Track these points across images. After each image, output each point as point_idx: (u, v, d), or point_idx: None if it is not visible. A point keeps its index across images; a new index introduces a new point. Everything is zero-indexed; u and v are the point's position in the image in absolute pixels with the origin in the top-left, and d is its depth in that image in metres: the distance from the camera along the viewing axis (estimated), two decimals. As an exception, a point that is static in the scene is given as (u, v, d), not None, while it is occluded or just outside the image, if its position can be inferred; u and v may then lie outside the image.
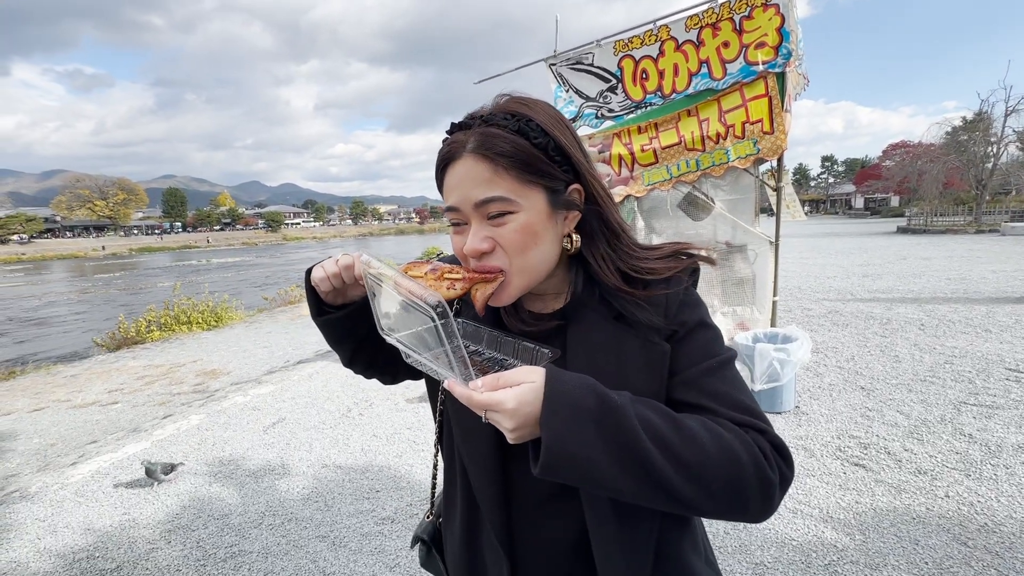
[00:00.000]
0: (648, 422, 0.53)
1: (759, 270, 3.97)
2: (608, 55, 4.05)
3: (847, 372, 4.26)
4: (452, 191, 0.63)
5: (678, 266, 0.68)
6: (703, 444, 0.54)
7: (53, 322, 14.09)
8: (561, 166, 0.63)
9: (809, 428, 3.28)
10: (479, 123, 0.62)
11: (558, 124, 0.64)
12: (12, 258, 55.79)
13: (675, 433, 0.54)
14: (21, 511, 2.89)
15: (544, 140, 0.61)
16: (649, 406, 0.56)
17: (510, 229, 0.61)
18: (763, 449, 0.57)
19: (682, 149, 3.90)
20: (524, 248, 0.62)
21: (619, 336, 0.66)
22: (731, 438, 0.56)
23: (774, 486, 0.56)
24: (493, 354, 0.65)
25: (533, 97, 0.66)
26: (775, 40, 3.39)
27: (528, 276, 0.65)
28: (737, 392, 0.62)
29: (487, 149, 0.60)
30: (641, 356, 0.65)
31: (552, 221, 0.64)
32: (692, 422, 0.56)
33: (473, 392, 0.51)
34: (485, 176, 0.60)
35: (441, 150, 0.64)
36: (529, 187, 0.61)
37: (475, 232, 0.63)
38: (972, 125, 23.84)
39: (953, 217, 22.89)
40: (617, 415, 0.52)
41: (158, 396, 5.26)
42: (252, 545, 2.43)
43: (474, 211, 0.62)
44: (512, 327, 0.71)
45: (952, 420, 3.25)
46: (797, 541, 2.22)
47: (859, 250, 14.61)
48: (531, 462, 0.54)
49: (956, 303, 6.56)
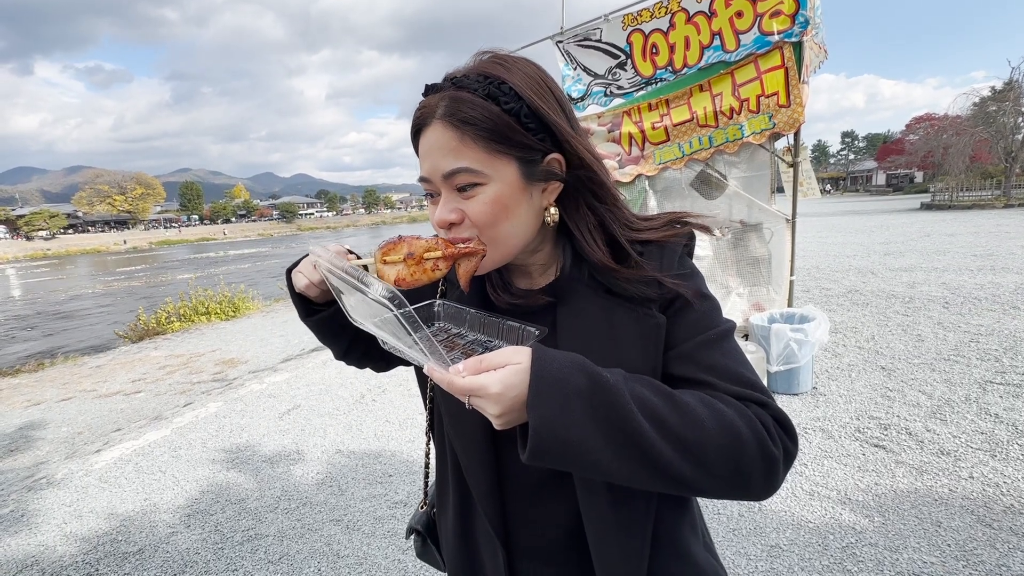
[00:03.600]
0: (643, 400, 0.50)
1: (775, 249, 3.87)
2: (616, 30, 3.93)
3: (867, 352, 4.15)
4: (424, 159, 0.60)
5: (673, 234, 0.64)
6: (702, 421, 0.51)
7: (79, 315, 14.49)
8: (536, 134, 0.58)
9: (827, 409, 3.21)
10: (449, 85, 0.58)
11: (536, 86, 0.58)
12: (38, 254, 57.46)
13: (672, 410, 0.50)
14: (48, 497, 2.99)
15: (516, 105, 0.56)
16: (643, 383, 0.53)
17: (479, 201, 0.58)
18: (765, 424, 0.54)
19: (694, 126, 3.78)
20: (493, 222, 0.59)
21: (611, 310, 0.62)
22: (732, 413, 0.52)
23: (778, 462, 0.53)
24: (476, 335, 0.62)
25: (516, 55, 0.61)
26: (791, 7, 3.24)
27: (500, 250, 0.61)
28: (737, 365, 0.59)
29: (452, 116, 0.56)
30: (634, 330, 0.61)
31: (526, 194, 0.60)
32: (690, 397, 0.53)
33: (454, 377, 0.48)
34: (452, 145, 0.56)
35: (414, 115, 0.60)
36: (498, 157, 0.57)
37: (444, 202, 0.60)
38: (1001, 95, 22.83)
39: (980, 192, 22.05)
40: (609, 394, 0.49)
41: (179, 385, 5.38)
42: (268, 529, 2.48)
43: (443, 182, 0.59)
44: (500, 303, 0.68)
45: (977, 400, 3.15)
46: (814, 523, 2.17)
47: (880, 228, 14.20)
48: (519, 448, 0.51)
49: (983, 280, 6.33)
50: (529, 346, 0.51)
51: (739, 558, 2.02)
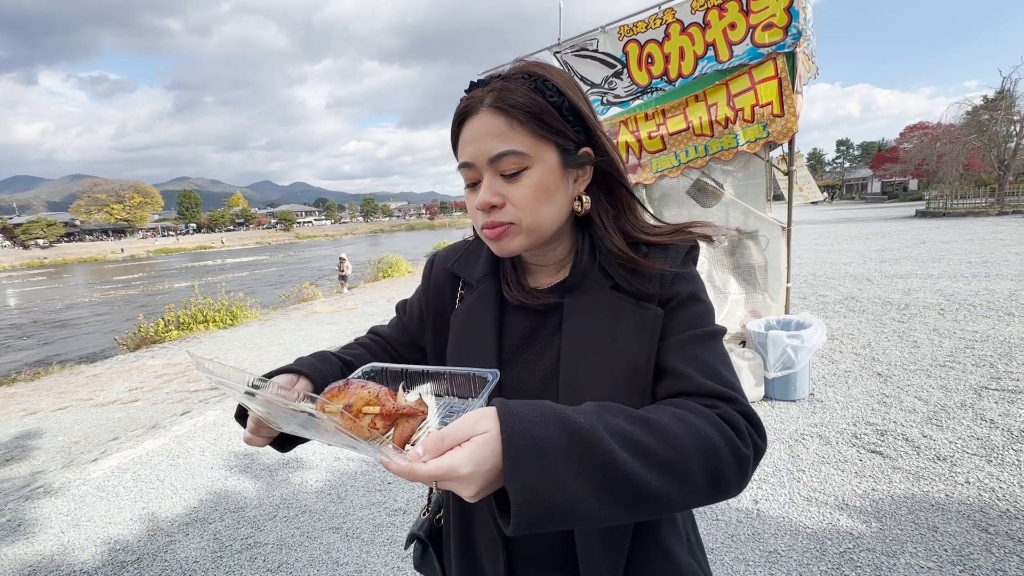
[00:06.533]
0: (620, 432, 0.49)
1: (771, 256, 3.90)
2: (613, 40, 3.99)
3: (863, 359, 4.18)
4: (467, 146, 0.63)
5: (679, 239, 0.68)
6: (679, 438, 0.51)
7: (76, 324, 14.45)
8: (574, 126, 0.64)
9: (824, 415, 3.23)
10: (497, 80, 0.63)
11: (572, 87, 0.65)
12: (35, 262, 57.28)
13: (650, 435, 0.50)
14: (46, 506, 2.97)
15: (559, 99, 0.62)
16: (615, 412, 0.51)
17: (523, 185, 0.62)
18: (735, 424, 0.55)
19: (690, 135, 3.83)
20: (535, 204, 0.62)
21: (615, 305, 0.66)
22: (702, 424, 0.53)
23: (748, 461, 0.55)
24: (420, 391, 0.63)
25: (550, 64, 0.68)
26: (784, 20, 3.30)
27: (536, 234, 0.65)
28: (717, 363, 0.61)
29: (503, 102, 0.60)
30: (633, 320, 0.65)
31: (564, 180, 0.65)
32: (663, 416, 0.53)
33: (416, 464, 0.43)
34: (500, 130, 0.60)
35: (458, 106, 0.65)
36: (542, 143, 0.62)
37: (487, 185, 0.63)
38: (994, 104, 23.06)
39: (974, 199, 22.23)
40: (587, 439, 0.46)
41: (176, 394, 5.36)
42: (267, 537, 2.47)
43: (488, 166, 0.62)
44: (512, 300, 0.72)
45: (973, 405, 3.17)
46: (811, 529, 2.18)
47: (876, 235, 14.29)
48: (500, 521, 0.47)
49: (978, 286, 6.39)
50: (493, 405, 0.48)
51: (738, 564, 2.03)
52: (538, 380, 0.69)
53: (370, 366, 0.70)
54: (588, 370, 0.64)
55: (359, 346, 0.84)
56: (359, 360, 0.79)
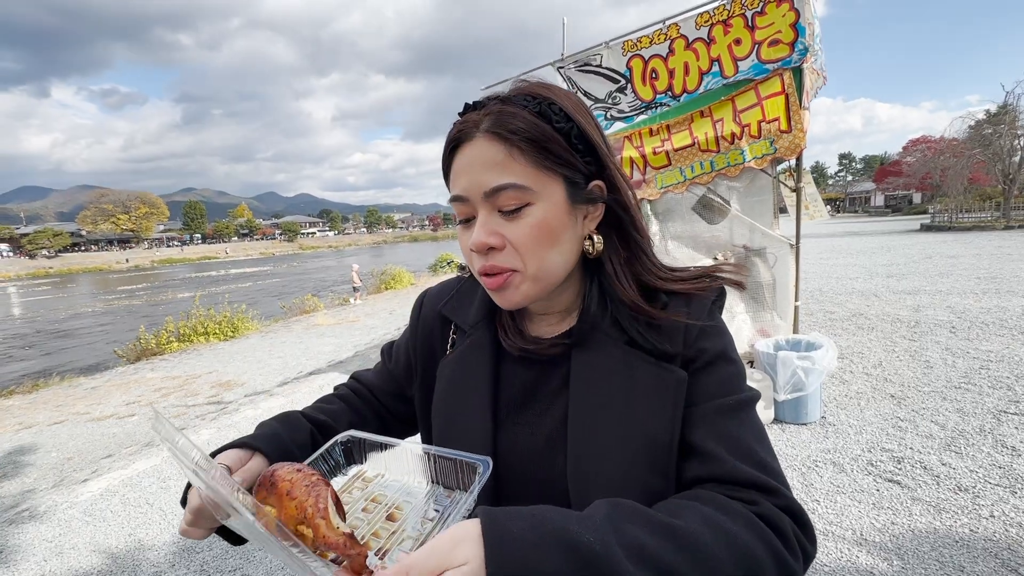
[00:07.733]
0: (641, 552, 0.39)
1: (779, 274, 3.81)
2: (617, 56, 3.96)
3: (875, 379, 4.06)
4: (459, 176, 0.54)
5: (703, 287, 0.58)
6: (715, 558, 0.42)
7: (79, 334, 14.43)
8: (583, 156, 0.55)
9: (837, 440, 3.11)
10: (495, 102, 0.54)
11: (583, 112, 0.56)
12: (40, 272, 57.64)
13: (677, 551, 0.41)
14: (29, 531, 2.87)
15: (567, 126, 0.53)
16: (634, 518, 0.42)
17: (525, 224, 0.53)
18: (779, 529, 0.46)
19: (696, 151, 3.77)
20: (539, 247, 0.53)
21: (629, 361, 0.56)
22: (741, 532, 0.44)
23: (797, 574, 0.46)
24: (399, 480, 0.55)
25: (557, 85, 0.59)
26: (790, 36, 3.25)
27: (543, 282, 0.56)
28: (752, 440, 0.52)
29: (501, 127, 0.51)
30: (652, 384, 0.55)
31: (571, 218, 0.55)
32: (692, 522, 0.43)
33: None
34: (498, 159, 0.51)
35: (450, 132, 0.56)
36: (547, 175, 0.53)
37: (482, 224, 0.53)
38: (997, 118, 23.07)
39: (979, 213, 22.12)
40: (599, 565, 0.37)
41: (173, 408, 5.28)
42: (256, 570, 2.36)
43: (483, 201, 0.53)
44: (511, 350, 0.62)
45: (992, 431, 3.05)
46: (829, 567, 2.07)
47: (882, 249, 14.18)
48: None
49: (988, 303, 6.26)
50: (478, 519, 0.39)
51: (751, 605, 1.92)
52: (541, 445, 0.59)
53: (347, 435, 0.60)
54: (600, 444, 0.54)
55: (337, 399, 0.76)
56: (335, 419, 0.70)
